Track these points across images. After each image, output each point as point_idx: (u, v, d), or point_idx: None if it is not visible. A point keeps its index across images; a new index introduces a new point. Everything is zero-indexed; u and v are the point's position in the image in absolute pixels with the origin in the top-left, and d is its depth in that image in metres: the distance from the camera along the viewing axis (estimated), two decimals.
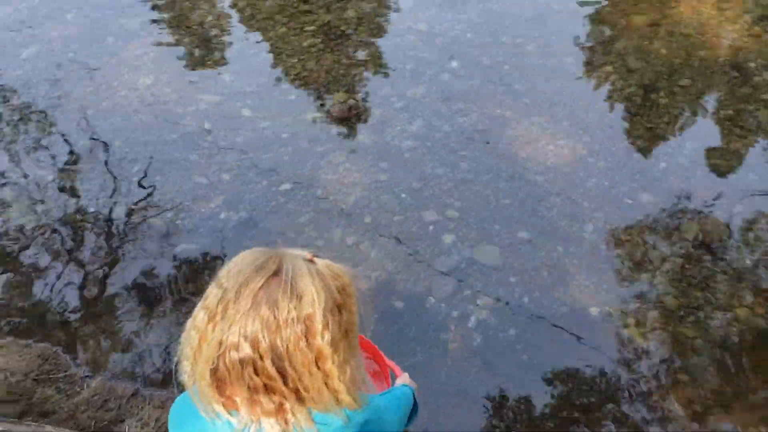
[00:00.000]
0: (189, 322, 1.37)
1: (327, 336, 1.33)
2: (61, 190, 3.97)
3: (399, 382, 2.12)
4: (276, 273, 1.33)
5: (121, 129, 4.31)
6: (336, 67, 4.67)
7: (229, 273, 1.34)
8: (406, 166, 3.99)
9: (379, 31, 5.01)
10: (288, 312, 1.31)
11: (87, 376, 3.04)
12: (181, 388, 1.39)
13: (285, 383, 1.32)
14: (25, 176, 4.07)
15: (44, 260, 3.62)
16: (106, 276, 3.53)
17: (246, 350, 1.29)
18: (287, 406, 1.34)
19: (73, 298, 3.43)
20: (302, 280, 1.34)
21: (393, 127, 4.23)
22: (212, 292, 1.34)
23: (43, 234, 3.75)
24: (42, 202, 3.92)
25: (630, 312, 3.31)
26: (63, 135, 4.32)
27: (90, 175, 4.05)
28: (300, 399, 1.34)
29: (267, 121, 4.30)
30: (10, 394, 2.84)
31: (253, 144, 4.16)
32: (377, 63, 4.73)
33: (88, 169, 4.08)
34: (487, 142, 4.11)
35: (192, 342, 1.35)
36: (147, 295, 3.42)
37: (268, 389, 1.32)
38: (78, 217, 3.83)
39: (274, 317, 1.29)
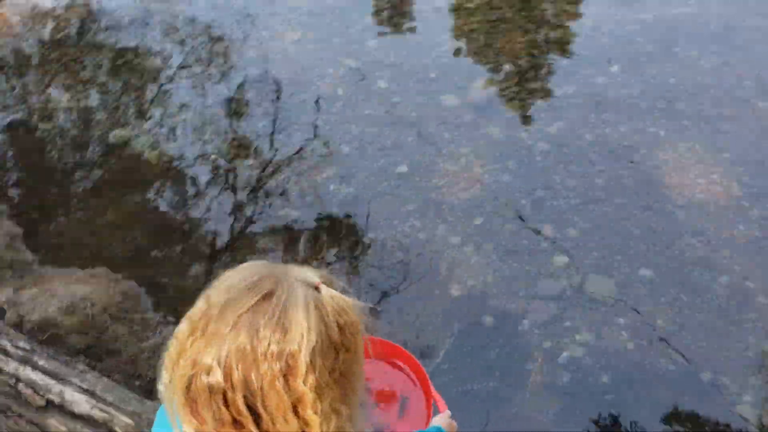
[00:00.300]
0: (175, 330, 1.23)
1: (311, 380, 1.13)
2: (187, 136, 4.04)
3: (435, 421, 1.89)
4: (268, 296, 1.14)
5: (257, 81, 4.29)
6: (485, 52, 4.38)
7: (220, 286, 1.18)
8: (535, 171, 3.67)
9: (541, 20, 4.64)
10: (268, 345, 1.11)
11: (161, 323, 3.05)
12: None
13: (257, 424, 1.14)
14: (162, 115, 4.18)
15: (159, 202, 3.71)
16: (205, 229, 3.54)
17: (217, 377, 1.11)
18: None
19: (169, 244, 3.47)
20: (294, 311, 1.14)
21: (530, 124, 3.91)
22: (199, 303, 1.18)
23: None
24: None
25: (749, 388, 2.86)
26: (201, 81, 4.37)
27: (216, 125, 4.08)
28: None
29: (400, 96, 4.11)
30: (84, 325, 2.90)
31: (380, 119, 4.00)
32: (530, 53, 4.38)
33: (215, 118, 4.11)
34: (631, 161, 3.69)
35: (171, 353, 1.20)
36: (238, 254, 3.39)
37: (238, 426, 1.16)
38: (193, 170, 3.88)
39: (252, 348, 1.11)
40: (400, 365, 2.14)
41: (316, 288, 1.20)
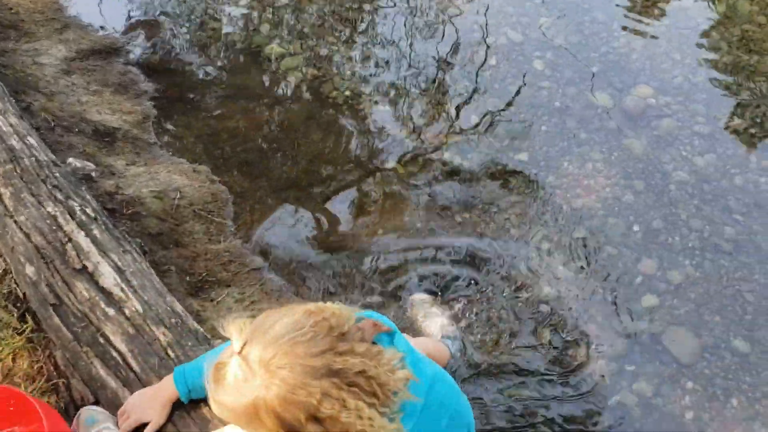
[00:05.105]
0: None
1: None
2: None
3: None
4: None
5: None
6: (659, 58, 4.00)
7: None
8: (662, 199, 3.33)
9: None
10: None
11: (234, 235, 3.17)
12: None
13: None
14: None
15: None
16: (316, 167, 3.59)
17: None
18: None
19: (274, 169, 3.55)
20: None
21: (678, 149, 3.54)
22: None
23: None
24: None
25: None
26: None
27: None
28: None
29: (551, 82, 3.88)
30: (166, 213, 3.08)
31: (520, 98, 3.81)
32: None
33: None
34: None
35: None
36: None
37: None
38: None
39: None
40: None
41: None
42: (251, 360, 1.29)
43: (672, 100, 3.78)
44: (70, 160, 2.83)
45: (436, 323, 2.83)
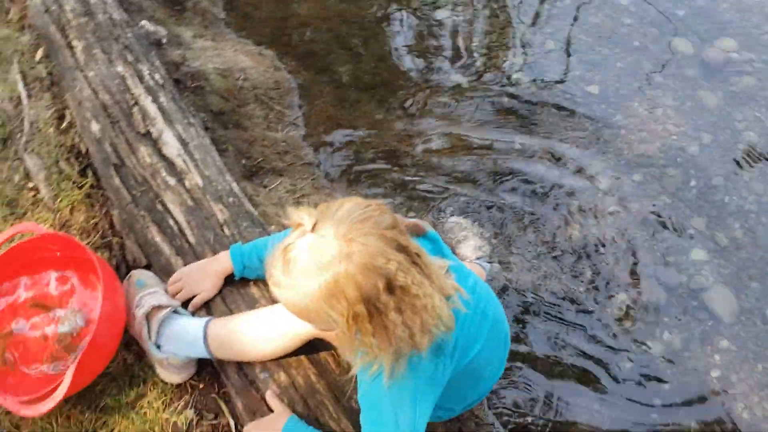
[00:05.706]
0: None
1: None
2: None
3: None
4: None
5: None
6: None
7: None
8: (726, 157, 3.23)
9: None
10: None
11: (293, 125, 3.16)
12: None
13: None
14: None
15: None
16: (388, 69, 3.52)
17: None
18: None
19: (342, 62, 3.49)
20: None
21: (754, 108, 3.41)
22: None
23: None
24: None
25: None
26: None
27: None
28: None
29: (634, 20, 3.72)
30: (229, 93, 3.06)
31: (601, 33, 3.67)
32: None
33: None
34: None
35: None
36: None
37: None
38: None
39: None
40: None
41: None
42: (326, 234, 1.29)
43: (756, 57, 3.63)
44: (143, 22, 2.80)
45: (469, 245, 2.85)
